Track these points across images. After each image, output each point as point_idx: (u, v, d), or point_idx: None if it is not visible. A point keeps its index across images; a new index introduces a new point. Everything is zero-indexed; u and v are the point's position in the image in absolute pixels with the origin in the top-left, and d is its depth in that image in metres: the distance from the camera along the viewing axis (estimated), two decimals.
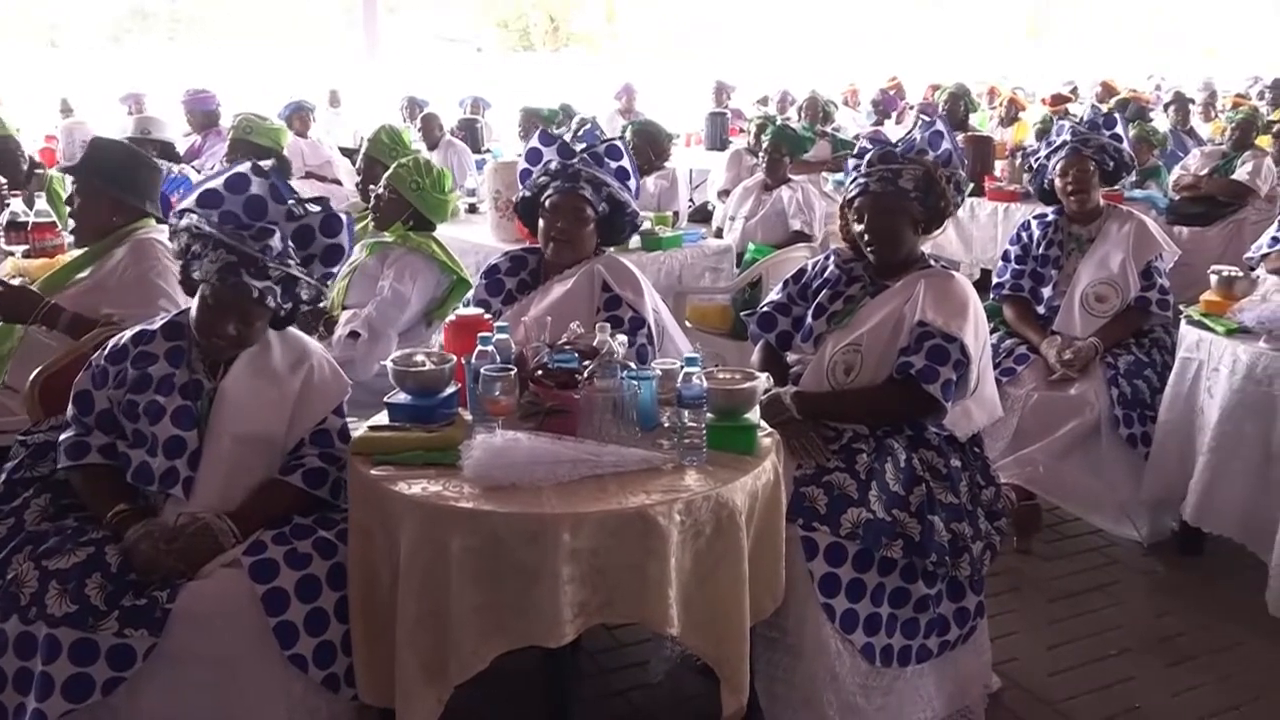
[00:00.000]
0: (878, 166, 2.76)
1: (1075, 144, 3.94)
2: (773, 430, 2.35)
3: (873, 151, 2.80)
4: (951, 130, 3.00)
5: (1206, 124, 9.92)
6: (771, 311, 2.94)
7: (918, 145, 2.83)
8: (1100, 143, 3.95)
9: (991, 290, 4.15)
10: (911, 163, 2.75)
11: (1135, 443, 3.57)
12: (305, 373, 2.41)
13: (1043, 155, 4.12)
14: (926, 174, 2.73)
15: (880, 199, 2.73)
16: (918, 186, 2.73)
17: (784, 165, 5.74)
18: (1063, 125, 4.13)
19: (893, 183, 2.73)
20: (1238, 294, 3.44)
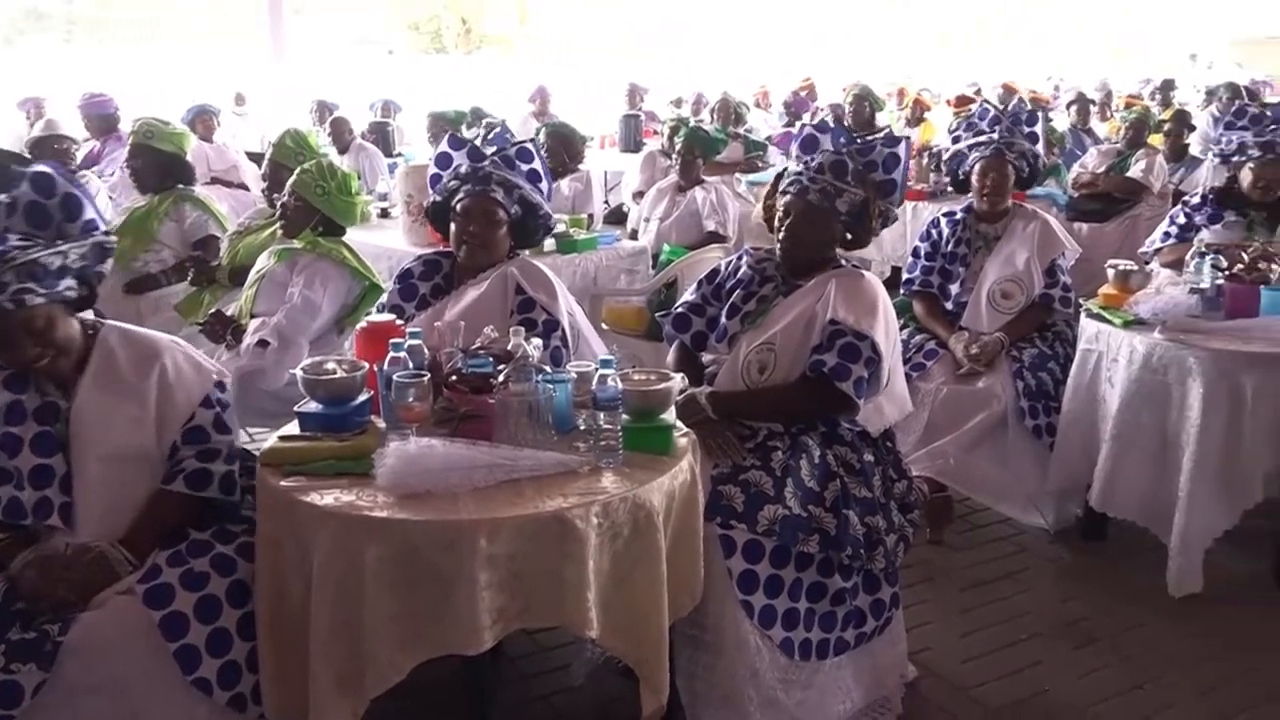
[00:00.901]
0: (825, 177, 2.76)
1: (1000, 144, 4.04)
2: (689, 430, 2.36)
3: (827, 157, 2.78)
4: (909, 161, 2.98)
5: (1103, 123, 10.25)
6: (686, 312, 2.95)
7: (874, 159, 2.81)
8: (1022, 147, 4.06)
9: (901, 286, 4.23)
10: (857, 186, 2.75)
11: (1040, 433, 3.67)
12: (159, 373, 2.28)
13: (964, 144, 4.19)
14: (864, 204, 2.76)
15: (812, 211, 2.76)
16: (850, 212, 2.76)
17: (697, 167, 5.78)
18: (987, 111, 4.22)
19: (830, 200, 2.75)
20: (1133, 287, 3.55)
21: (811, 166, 2.79)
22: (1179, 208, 4.37)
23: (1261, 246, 3.54)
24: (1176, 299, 3.37)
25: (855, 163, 2.78)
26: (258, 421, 3.65)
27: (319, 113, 9.64)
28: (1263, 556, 3.41)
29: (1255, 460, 3.12)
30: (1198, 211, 4.23)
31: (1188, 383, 3.14)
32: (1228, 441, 3.09)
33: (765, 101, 12.93)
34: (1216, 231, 4.05)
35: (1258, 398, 3.05)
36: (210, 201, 4.91)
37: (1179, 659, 2.97)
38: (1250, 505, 3.17)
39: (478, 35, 25.06)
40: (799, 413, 2.67)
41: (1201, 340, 3.16)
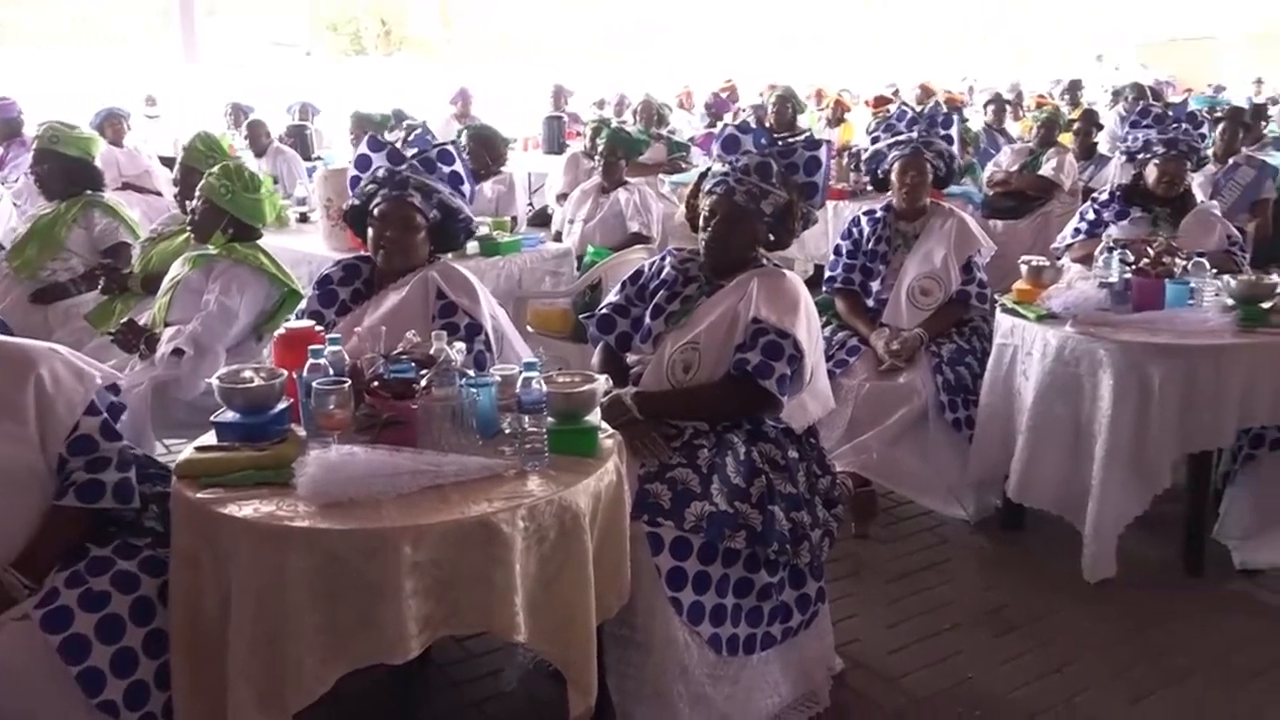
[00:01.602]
0: (751, 179, 2.78)
1: (918, 144, 4.12)
2: (614, 431, 2.37)
3: (752, 159, 2.81)
4: (831, 162, 3.01)
5: (1016, 123, 10.51)
6: (610, 314, 2.96)
7: (797, 162, 2.85)
8: (939, 147, 4.15)
9: (824, 284, 4.29)
10: (779, 190, 2.78)
11: (960, 426, 3.75)
12: (35, 385, 2.16)
13: (884, 143, 4.26)
14: (787, 206, 2.80)
15: (737, 209, 2.78)
16: (774, 214, 2.79)
17: (620, 168, 5.79)
18: (905, 112, 4.30)
19: (756, 201, 2.77)
20: (1046, 282, 3.65)
21: (737, 168, 2.81)
22: (1088, 205, 4.51)
23: (1165, 241, 3.66)
24: (1086, 293, 3.47)
25: (779, 164, 2.82)
26: (173, 433, 3.57)
27: (234, 116, 9.44)
28: (1172, 541, 3.52)
29: (1163, 448, 3.22)
30: (1106, 208, 4.36)
31: (1098, 374, 3.24)
32: (1137, 430, 3.19)
33: (688, 102, 13.00)
34: (1123, 227, 4.18)
35: (1164, 387, 3.16)
36: (120, 207, 4.79)
37: (1094, 642, 3.06)
38: (1159, 491, 3.27)
39: (398, 37, 24.78)
40: (724, 411, 2.69)
41: (1111, 333, 3.26)
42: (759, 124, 8.98)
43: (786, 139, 2.97)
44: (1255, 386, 3.19)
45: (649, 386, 2.73)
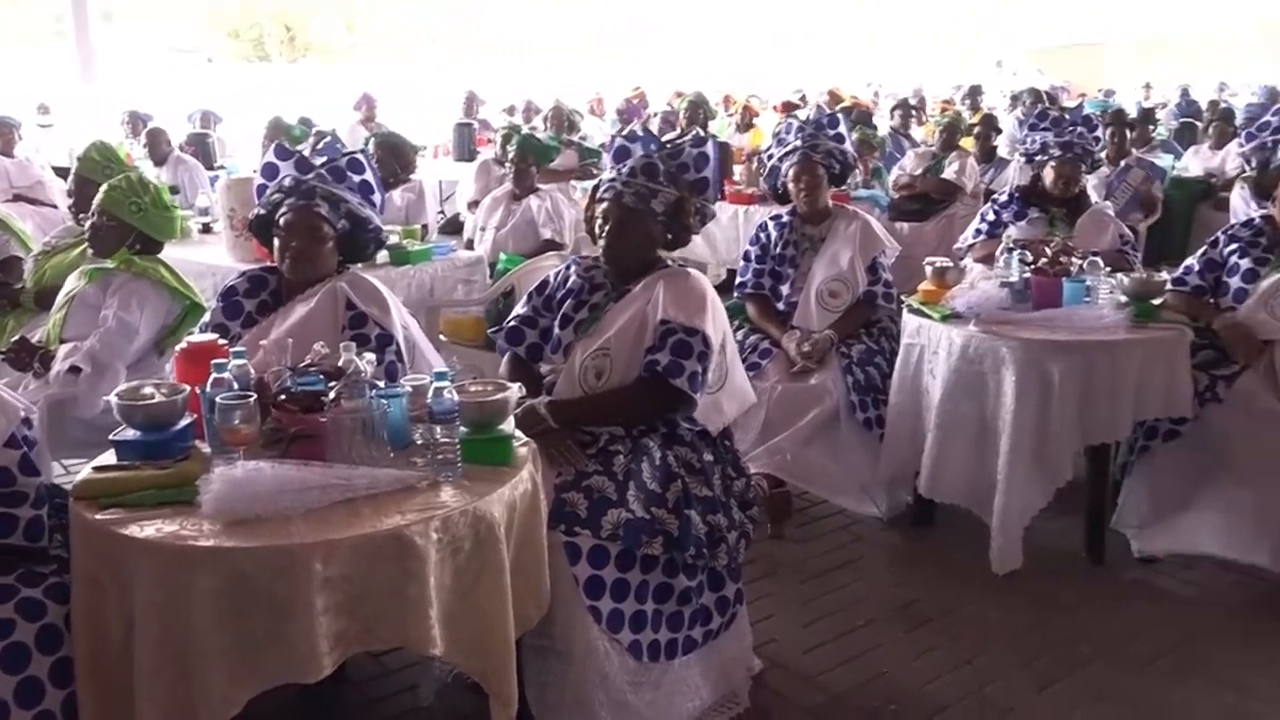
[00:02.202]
0: (639, 180, 2.81)
1: (805, 149, 4.18)
2: (529, 440, 2.36)
3: (638, 161, 2.84)
4: (719, 155, 3.06)
5: (920, 128, 10.76)
6: (518, 325, 2.95)
7: (683, 160, 2.88)
8: (828, 147, 4.20)
9: (735, 289, 4.33)
10: (669, 187, 2.81)
11: (871, 426, 3.82)
12: None
13: (776, 158, 4.33)
14: (679, 202, 2.81)
15: (629, 213, 2.79)
16: (667, 211, 2.81)
17: (531, 175, 5.78)
18: (791, 125, 4.37)
19: (646, 201, 2.79)
20: (950, 283, 3.74)
21: (624, 172, 2.84)
22: (988, 206, 4.64)
23: (1062, 241, 3.78)
24: (989, 293, 3.56)
25: (666, 165, 2.84)
26: (71, 453, 3.45)
27: (131, 124, 9.18)
28: (1075, 532, 3.63)
29: (1064, 441, 3.32)
30: (1005, 209, 4.49)
31: (1001, 372, 3.32)
32: (1039, 425, 3.29)
33: (599, 108, 13.04)
34: (1022, 228, 4.31)
35: (1064, 383, 3.25)
36: (11, 220, 4.61)
37: (1003, 633, 3.14)
38: (1062, 484, 3.37)
39: (302, 43, 24.37)
40: (638, 414, 2.70)
41: (1012, 331, 3.35)
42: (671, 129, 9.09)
43: (676, 141, 3.00)
44: (1148, 380, 3.32)
45: (562, 394, 2.73)
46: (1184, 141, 9.87)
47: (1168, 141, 9.68)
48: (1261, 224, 3.63)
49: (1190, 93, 13.64)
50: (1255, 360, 3.40)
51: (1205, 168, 8.31)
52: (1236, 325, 3.46)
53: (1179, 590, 3.39)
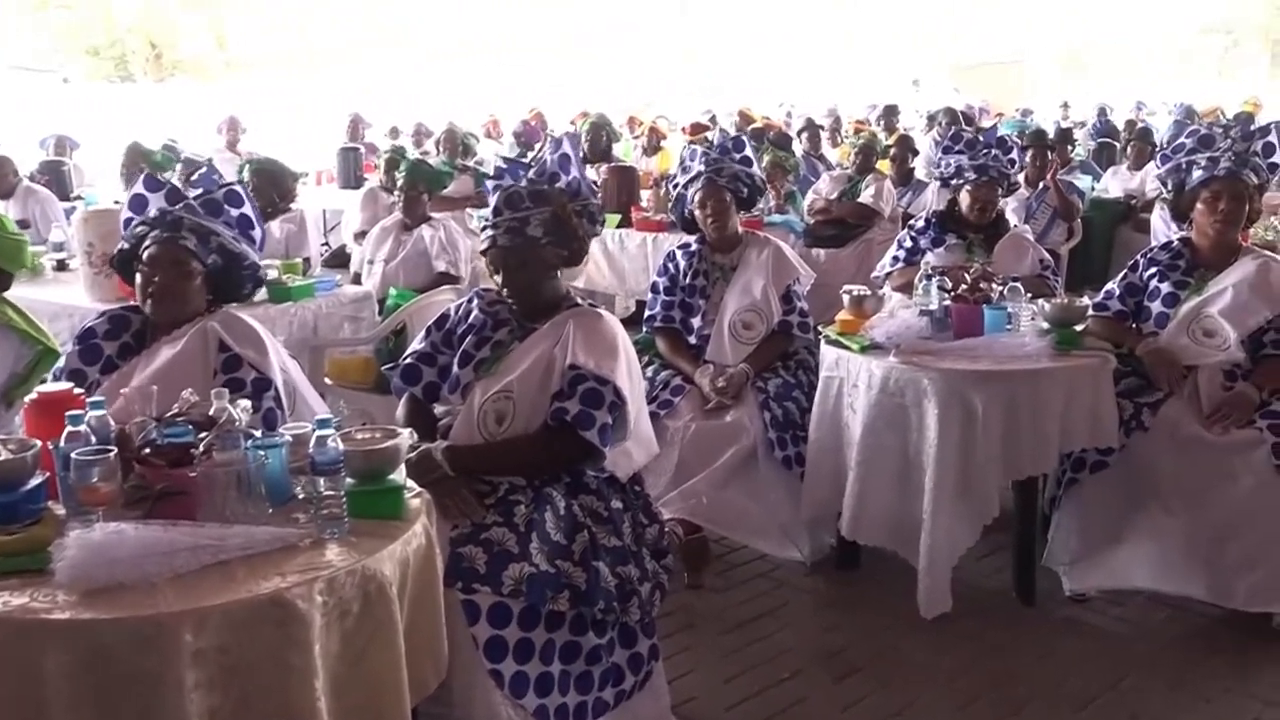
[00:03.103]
0: (505, 215, 2.84)
1: (709, 174, 4.25)
2: (422, 490, 2.33)
3: (500, 196, 2.87)
4: (579, 155, 3.12)
5: (834, 149, 11.03)
6: (415, 363, 2.94)
7: (548, 170, 2.92)
8: (733, 171, 4.28)
9: (644, 323, 4.36)
10: (539, 205, 2.83)
11: (790, 464, 3.87)
12: None
13: (681, 184, 4.40)
14: (555, 215, 2.84)
15: (511, 252, 2.82)
16: (548, 230, 2.83)
17: (422, 203, 5.76)
18: (695, 151, 4.45)
19: (520, 232, 2.81)
20: (868, 312, 3.83)
21: (490, 215, 2.87)
22: (905, 231, 4.77)
23: (981, 267, 3.91)
24: (908, 321, 3.65)
25: (529, 187, 2.87)
26: None
27: None
28: (1004, 569, 3.73)
29: (990, 475, 3.42)
30: (922, 235, 4.63)
31: (923, 404, 3.41)
32: (963, 459, 3.37)
33: (496, 131, 13.07)
34: (940, 254, 4.44)
35: (987, 414, 3.35)
36: None
37: (935, 678, 3.20)
38: (989, 520, 3.46)
39: (170, 61, 23.94)
40: (542, 465, 2.70)
41: (933, 361, 3.45)
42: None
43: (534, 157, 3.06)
44: (1073, 410, 3.43)
45: (460, 439, 2.71)
46: (1102, 162, 10.28)
47: (1086, 162, 10.07)
48: (1179, 246, 3.79)
49: (1108, 112, 14.22)
50: (1179, 386, 3.55)
51: (1125, 189, 8.65)
52: (1159, 351, 3.60)
53: (1112, 627, 3.50)
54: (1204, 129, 3.92)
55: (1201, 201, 3.68)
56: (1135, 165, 8.99)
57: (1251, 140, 3.79)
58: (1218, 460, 3.42)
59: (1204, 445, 3.45)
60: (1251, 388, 3.50)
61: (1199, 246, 3.74)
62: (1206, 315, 3.59)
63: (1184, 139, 3.93)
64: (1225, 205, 3.62)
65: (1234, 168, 3.64)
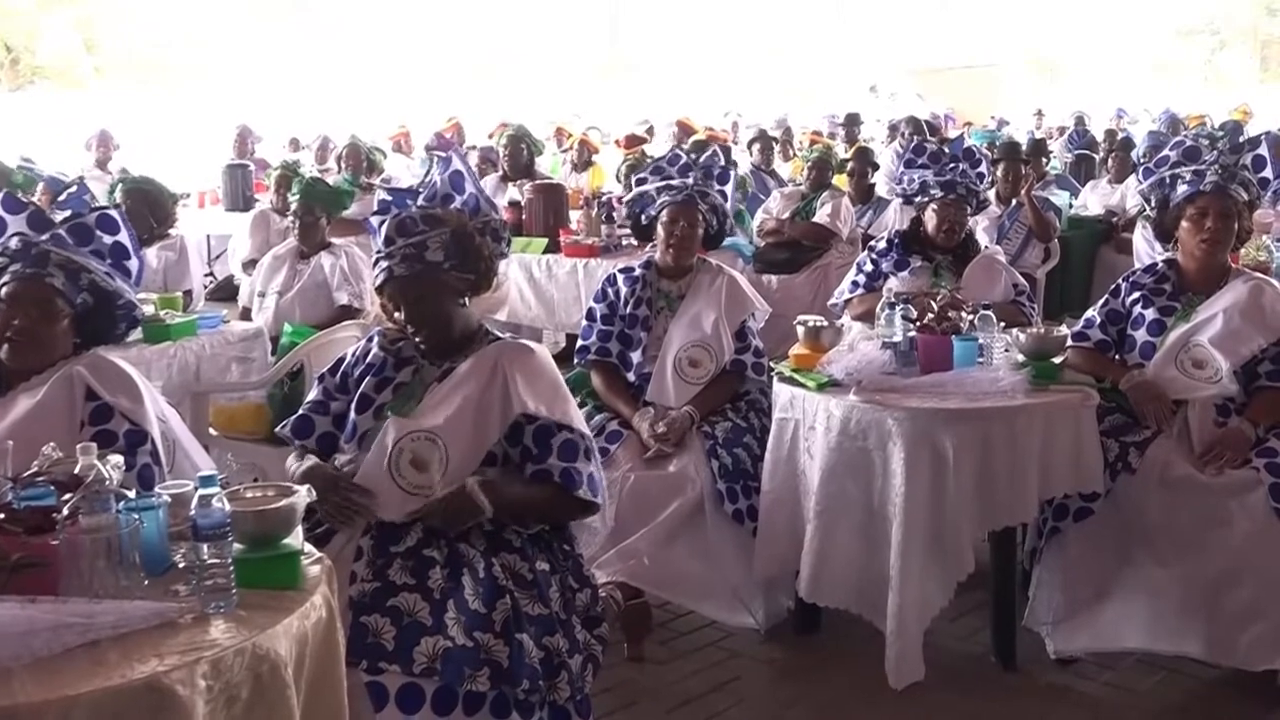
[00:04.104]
0: (398, 243, 2.86)
1: (694, 191, 4.31)
2: (321, 556, 2.31)
3: (390, 225, 2.89)
4: (470, 167, 3.14)
5: (786, 163, 11.17)
6: (308, 414, 2.95)
7: (440, 191, 2.96)
8: (714, 201, 4.37)
9: (576, 356, 4.37)
10: (435, 227, 2.86)
11: (742, 518, 3.89)
12: None
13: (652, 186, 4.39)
14: (455, 235, 2.86)
15: (411, 283, 2.84)
16: (449, 254, 2.85)
17: (320, 228, 5.74)
18: (679, 156, 4.48)
19: (419, 258, 2.83)
20: (825, 345, 3.87)
21: (381, 247, 2.90)
22: (864, 255, 4.85)
23: (949, 294, 3.96)
24: (870, 355, 3.70)
25: (420, 211, 2.91)
26: None
27: None
28: (981, 631, 3.77)
29: (963, 527, 3.46)
30: (884, 258, 4.71)
31: (888, 447, 3.45)
32: (933, 508, 3.42)
33: (406, 145, 13.07)
34: (904, 279, 4.52)
35: (959, 457, 3.40)
36: None
37: None
38: (963, 577, 3.50)
39: (29, 66, 23.62)
40: (545, 520, 2.85)
41: (898, 399, 3.49)
42: (490, 168, 9.17)
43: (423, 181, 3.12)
44: (1053, 451, 3.50)
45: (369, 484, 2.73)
46: (1080, 175, 10.53)
47: (1063, 176, 10.30)
48: (1164, 269, 3.89)
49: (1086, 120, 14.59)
50: (1167, 423, 3.63)
51: (1105, 205, 8.87)
52: (1145, 385, 3.69)
53: (1102, 694, 3.55)
54: (1189, 139, 4.03)
55: (1186, 219, 3.78)
56: (1116, 179, 9.21)
57: (1240, 152, 3.88)
58: (1212, 504, 3.50)
59: (1197, 488, 3.52)
60: (1247, 423, 3.59)
61: (1185, 269, 3.84)
62: (1196, 344, 3.68)
63: (1167, 150, 4.03)
64: (1212, 223, 3.72)
65: (1221, 182, 3.74)
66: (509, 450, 2.82)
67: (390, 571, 2.59)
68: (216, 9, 21.94)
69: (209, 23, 21.93)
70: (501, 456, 2.83)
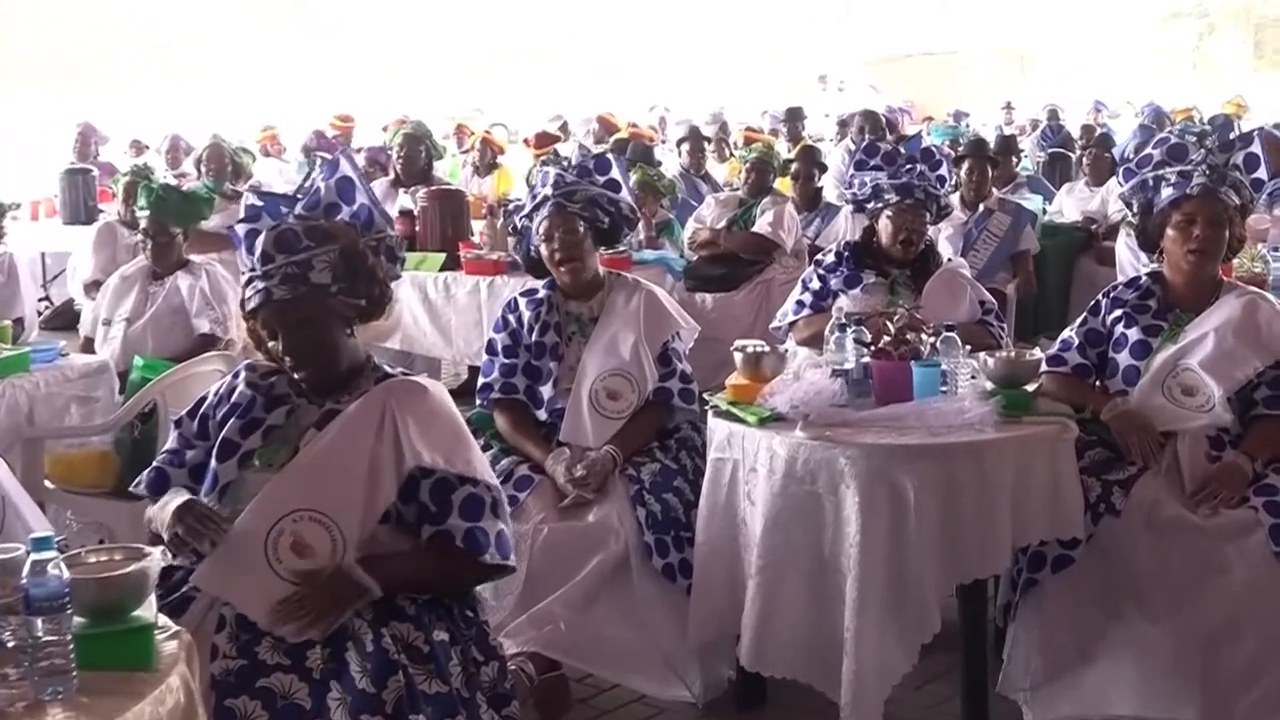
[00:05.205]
0: (278, 260, 2.85)
1: (558, 199, 4.27)
2: (179, 629, 2.28)
3: (267, 239, 2.88)
4: (361, 172, 3.14)
5: (721, 165, 11.24)
6: (161, 467, 2.93)
7: (324, 200, 2.96)
8: (589, 194, 4.31)
9: (478, 395, 4.35)
10: (322, 243, 2.85)
11: (674, 574, 3.89)
12: None
13: (525, 213, 4.41)
14: (345, 253, 2.86)
15: (291, 308, 2.83)
16: (337, 275, 2.85)
17: (176, 244, 5.68)
18: (546, 173, 4.48)
19: (303, 279, 2.83)
20: (767, 373, 3.88)
21: (258, 262, 2.89)
22: (811, 269, 4.89)
23: (908, 313, 4.00)
24: (819, 385, 3.72)
25: (303, 224, 2.91)
26: None
27: None
28: (949, 699, 3.80)
29: (928, 580, 3.48)
30: (833, 273, 4.75)
31: (840, 490, 3.47)
32: (893, 559, 3.43)
33: (275, 147, 12.98)
34: (856, 297, 4.57)
35: (921, 500, 3.42)
36: None
37: None
38: (928, 638, 3.52)
39: None
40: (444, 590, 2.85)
41: (851, 435, 3.52)
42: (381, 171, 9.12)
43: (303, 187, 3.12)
44: (1027, 492, 3.54)
45: (233, 560, 2.68)
46: (1055, 177, 10.69)
47: (1035, 178, 10.47)
48: (1149, 283, 3.97)
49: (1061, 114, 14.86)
50: (1155, 458, 3.70)
51: (1083, 210, 9.00)
52: (1129, 415, 3.76)
53: None
54: (1174, 136, 4.10)
55: (1172, 227, 3.85)
56: (1095, 181, 9.35)
57: (1231, 150, 3.96)
58: (1206, 549, 3.56)
59: (1189, 531, 3.58)
60: (1243, 457, 3.66)
61: (1172, 283, 3.92)
62: (1185, 368, 3.75)
63: (1150, 149, 4.09)
64: (1200, 231, 3.79)
65: (1210, 184, 3.81)
66: (402, 509, 2.81)
67: (259, 649, 2.57)
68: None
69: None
70: (395, 516, 2.82)
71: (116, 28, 21.65)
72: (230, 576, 2.69)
